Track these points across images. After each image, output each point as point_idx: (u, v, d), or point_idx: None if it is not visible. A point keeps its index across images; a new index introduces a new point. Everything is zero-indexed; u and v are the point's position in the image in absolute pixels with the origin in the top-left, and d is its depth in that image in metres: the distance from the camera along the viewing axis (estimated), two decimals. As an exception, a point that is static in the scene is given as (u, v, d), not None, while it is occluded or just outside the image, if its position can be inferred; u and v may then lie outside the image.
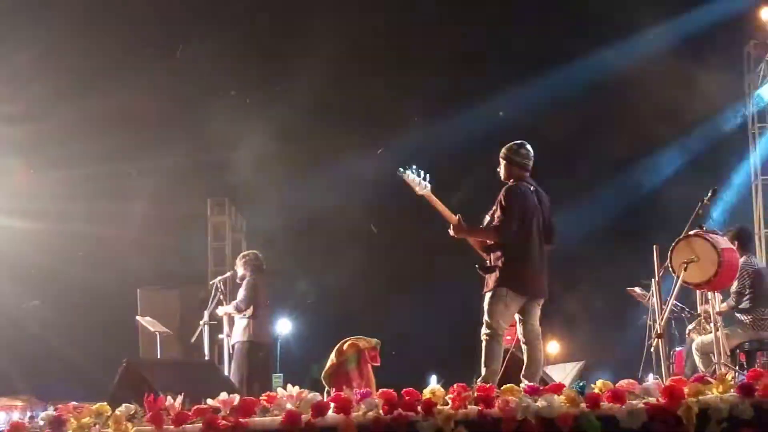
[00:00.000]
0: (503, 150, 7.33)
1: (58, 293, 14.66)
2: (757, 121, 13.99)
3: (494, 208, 7.20)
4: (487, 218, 7.27)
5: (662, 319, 7.44)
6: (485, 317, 7.06)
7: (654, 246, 7.78)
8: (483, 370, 6.99)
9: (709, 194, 7.76)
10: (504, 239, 7.09)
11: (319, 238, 15.04)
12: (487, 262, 7.21)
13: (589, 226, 13.80)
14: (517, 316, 7.23)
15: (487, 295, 7.10)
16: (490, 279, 7.12)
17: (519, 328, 7.35)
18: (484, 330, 7.06)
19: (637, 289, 9.74)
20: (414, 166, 7.27)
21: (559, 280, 13.99)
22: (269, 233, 14.91)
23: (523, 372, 7.08)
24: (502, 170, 7.33)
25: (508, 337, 8.78)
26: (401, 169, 7.22)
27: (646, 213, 12.90)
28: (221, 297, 10.63)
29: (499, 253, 7.14)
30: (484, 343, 7.04)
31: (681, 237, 7.48)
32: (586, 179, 14.18)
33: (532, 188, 7.21)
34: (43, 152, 13.68)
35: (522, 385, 5.63)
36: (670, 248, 7.46)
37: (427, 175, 7.28)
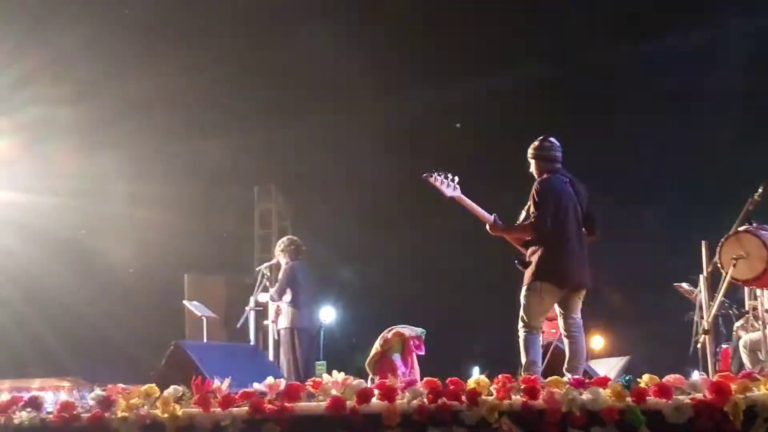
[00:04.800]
0: (529, 149, 7.38)
1: (105, 276, 14.80)
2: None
3: (528, 203, 7.22)
4: (523, 214, 7.28)
5: (710, 316, 7.39)
6: (521, 311, 7.10)
7: (702, 242, 7.73)
8: (523, 361, 7.00)
9: (760, 190, 7.68)
10: (539, 234, 7.10)
11: (366, 226, 15.02)
12: (526, 257, 7.21)
13: (637, 220, 13.68)
14: (558, 309, 7.22)
15: (523, 289, 7.12)
16: (527, 273, 7.13)
17: (560, 321, 7.35)
18: (519, 324, 7.09)
19: (685, 285, 9.65)
20: (438, 171, 7.29)
21: (605, 274, 13.94)
22: (315, 221, 14.95)
23: (565, 365, 7.08)
24: (533, 169, 7.36)
25: (553, 330, 8.79)
26: (426, 174, 7.26)
27: (697, 207, 12.74)
28: (266, 283, 10.71)
29: (535, 247, 7.15)
30: (520, 338, 7.06)
31: (730, 233, 7.42)
32: (638, 173, 14.05)
33: (566, 179, 7.21)
34: (90, 134, 13.78)
35: (566, 378, 5.63)
36: (719, 244, 7.40)
37: (456, 178, 7.31)
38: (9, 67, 12.71)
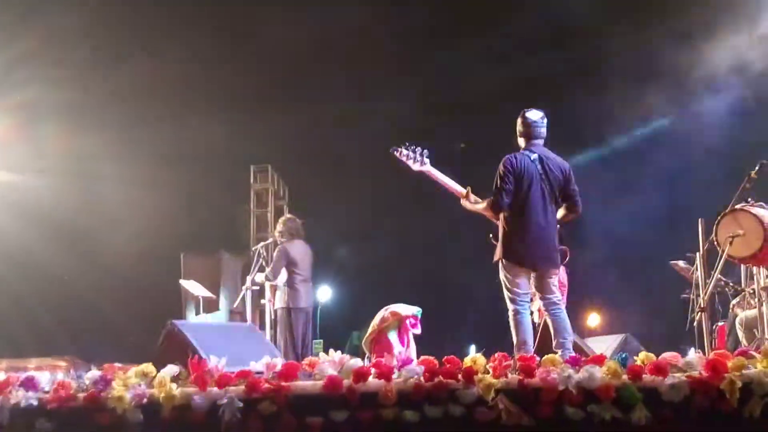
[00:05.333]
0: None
1: (101, 256, 14.80)
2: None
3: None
4: None
5: (706, 293, 7.40)
6: (503, 287, 7.08)
7: (699, 220, 7.73)
8: (513, 340, 6.98)
9: (757, 167, 7.68)
10: (496, 212, 7.06)
11: (363, 205, 15.02)
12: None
13: (633, 199, 13.69)
14: (534, 288, 7.17)
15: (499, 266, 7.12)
16: (495, 251, 7.13)
17: (537, 302, 7.34)
18: (505, 298, 7.07)
19: (681, 263, 9.65)
20: (407, 143, 7.25)
21: (600, 252, 13.98)
22: (312, 200, 14.94)
23: (553, 343, 7.03)
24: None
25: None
26: (392, 148, 7.23)
27: (692, 186, 12.75)
28: (263, 263, 10.70)
29: (499, 225, 7.13)
30: (508, 313, 7.04)
31: (727, 210, 7.42)
32: (630, 152, 14.06)
33: (534, 156, 7.07)
34: (85, 116, 13.75)
35: (557, 355, 5.63)
36: (716, 222, 7.40)
37: (425, 151, 7.27)
38: (4, 48, 12.67)
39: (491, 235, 7.22)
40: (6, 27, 12.60)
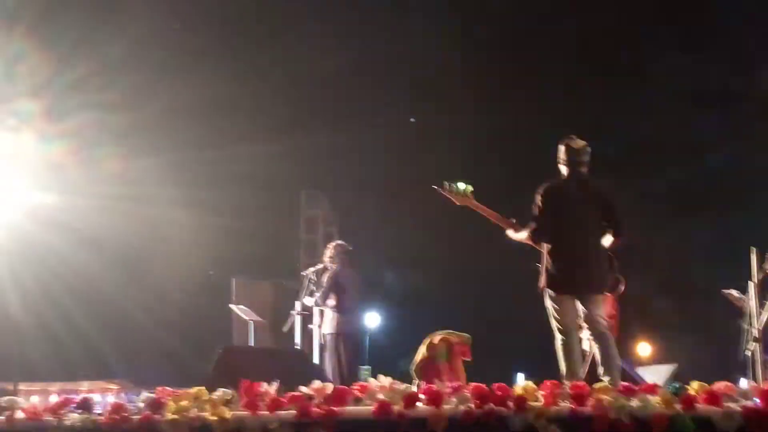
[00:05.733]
0: None
1: (152, 279, 14.94)
2: None
3: None
4: None
5: (760, 323, 7.32)
6: (550, 316, 7.08)
7: (752, 248, 7.65)
8: (562, 370, 6.95)
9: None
10: (536, 240, 7.11)
11: (412, 231, 15.04)
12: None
13: (685, 228, 13.58)
14: (582, 315, 7.14)
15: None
16: (540, 278, 7.14)
17: (586, 330, 7.30)
18: (552, 327, 7.07)
19: (734, 292, 9.52)
20: (447, 182, 7.37)
21: (652, 280, 13.86)
22: (361, 226, 14.99)
23: (599, 371, 6.98)
24: None
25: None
26: (435, 186, 7.34)
27: (745, 215, 12.61)
28: (312, 288, 10.75)
29: (542, 253, 7.14)
30: (555, 341, 7.03)
31: (780, 240, 7.35)
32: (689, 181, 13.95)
33: (573, 184, 7.11)
34: (138, 139, 13.91)
35: (602, 383, 5.60)
36: (769, 251, 7.34)
37: (468, 187, 7.37)
38: (61, 73, 12.89)
39: (537, 264, 7.23)
40: (62, 53, 12.82)
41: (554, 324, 6.99)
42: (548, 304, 7.04)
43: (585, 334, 7.54)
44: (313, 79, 14.15)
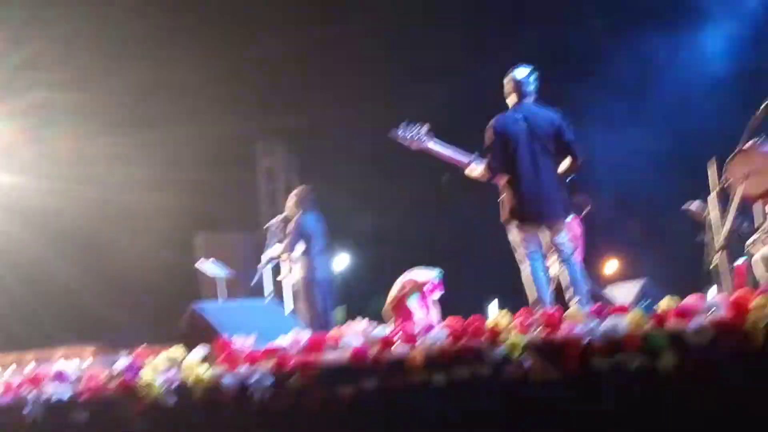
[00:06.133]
0: None
1: (117, 251, 14.86)
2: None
3: None
4: None
5: (724, 232, 7.39)
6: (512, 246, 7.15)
7: (710, 161, 7.70)
8: (529, 298, 7.04)
9: (764, 106, 7.62)
10: (490, 177, 7.20)
11: (376, 173, 15.01)
12: None
13: (644, 146, 13.63)
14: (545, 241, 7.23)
15: None
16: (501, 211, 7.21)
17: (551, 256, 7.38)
18: (516, 257, 7.14)
19: (694, 206, 9.64)
20: (405, 123, 7.31)
21: (615, 199, 13.97)
22: (325, 171, 14.94)
23: (567, 295, 7.09)
24: None
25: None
26: (392, 132, 7.34)
27: (702, 130, 12.68)
28: (277, 238, 10.72)
29: (501, 188, 7.18)
30: (522, 275, 7.11)
31: (737, 150, 7.39)
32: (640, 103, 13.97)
33: (519, 115, 7.17)
34: (91, 119, 13.76)
35: (573, 307, 5.68)
36: (727, 161, 7.39)
37: (424, 127, 7.34)
38: (11, 52, 12.70)
39: (500, 198, 7.28)
40: (12, 31, 12.59)
41: (518, 255, 7.06)
42: (510, 236, 7.09)
43: (551, 260, 7.62)
44: (265, 32, 14.01)
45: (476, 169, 7.26)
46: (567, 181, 7.36)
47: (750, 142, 7.42)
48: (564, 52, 13.42)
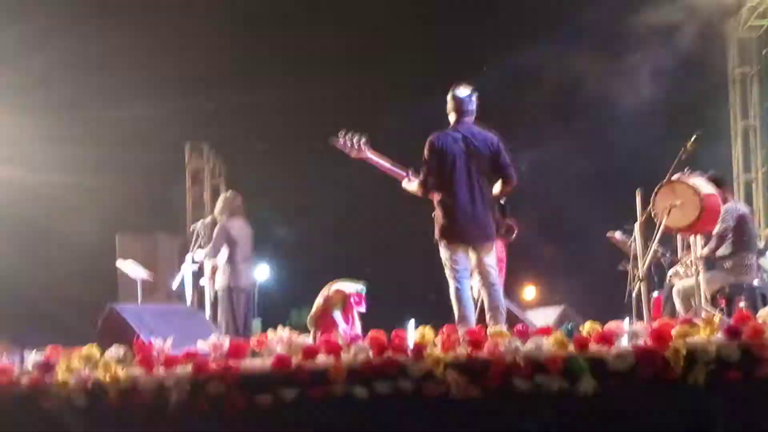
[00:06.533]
0: None
1: (33, 240, 14.54)
2: (738, 66, 14.13)
3: None
4: None
5: (644, 264, 7.50)
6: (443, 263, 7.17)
7: (636, 190, 7.82)
8: (455, 315, 7.05)
9: (692, 139, 7.79)
10: (425, 192, 7.17)
11: (300, 183, 14.97)
12: None
13: (569, 170, 13.82)
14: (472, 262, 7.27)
15: None
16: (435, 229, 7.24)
17: (476, 277, 7.42)
18: (446, 274, 7.16)
19: (617, 234, 9.77)
20: (343, 131, 7.35)
21: (536, 224, 14.11)
22: (249, 178, 14.84)
23: (486, 317, 7.11)
24: None
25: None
26: (332, 138, 7.33)
27: (631, 158, 12.90)
28: (201, 242, 10.57)
29: (434, 205, 7.22)
30: (450, 288, 7.13)
31: (664, 181, 7.53)
32: (566, 123, 14.17)
33: (459, 135, 7.13)
34: (16, 98, 13.47)
35: (497, 327, 5.71)
36: (653, 193, 7.51)
37: (363, 137, 7.37)
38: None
39: (433, 214, 7.28)
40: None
41: (448, 272, 7.07)
42: (442, 253, 7.10)
43: (475, 282, 7.64)
44: (196, 36, 13.88)
45: (412, 183, 7.27)
46: (498, 203, 7.41)
47: (677, 175, 7.56)
48: (497, 68, 13.56)
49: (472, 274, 7.31)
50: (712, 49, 13.71)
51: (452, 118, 7.24)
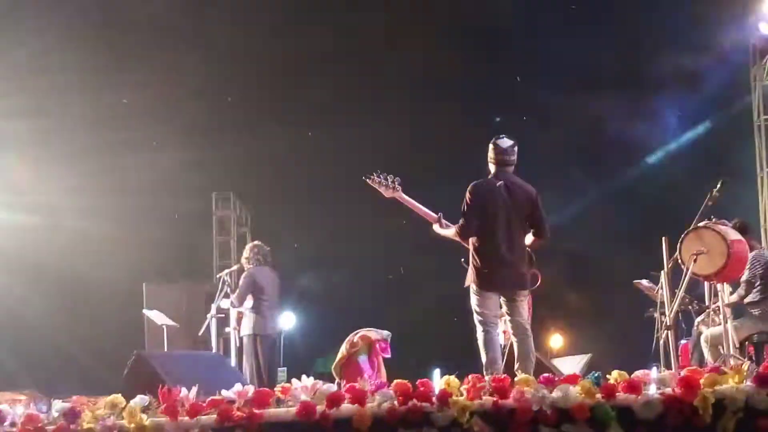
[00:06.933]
0: None
1: (61, 288, 14.62)
2: (763, 113, 14.07)
3: None
4: None
5: (672, 312, 7.45)
6: (473, 309, 7.15)
7: (663, 238, 7.79)
8: (483, 360, 7.03)
9: (719, 185, 7.77)
10: (464, 238, 7.23)
11: (325, 232, 15.01)
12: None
13: (596, 219, 13.80)
14: (504, 310, 7.27)
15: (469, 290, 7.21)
16: (467, 276, 7.23)
17: (506, 324, 7.42)
18: (475, 320, 7.14)
19: (645, 282, 9.71)
20: (378, 171, 7.49)
21: (564, 273, 14.06)
22: (275, 227, 14.91)
23: (515, 366, 7.09)
24: None
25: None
26: (366, 175, 7.43)
27: (656, 205, 12.85)
28: (228, 290, 10.62)
29: (469, 251, 7.23)
30: (477, 334, 7.11)
31: (690, 229, 7.49)
32: (593, 172, 14.18)
33: (499, 183, 7.21)
34: (45, 147, 13.64)
35: (523, 375, 5.68)
36: (680, 240, 7.47)
37: (397, 178, 7.53)
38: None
39: (463, 260, 7.30)
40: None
41: (478, 318, 7.09)
42: (473, 299, 7.11)
43: (501, 328, 7.64)
44: (222, 84, 14.05)
45: (447, 228, 7.32)
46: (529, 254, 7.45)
47: (703, 222, 7.53)
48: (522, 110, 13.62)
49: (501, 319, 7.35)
50: (737, 96, 13.71)
51: (492, 167, 7.30)
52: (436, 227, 7.45)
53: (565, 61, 13.86)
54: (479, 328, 7.08)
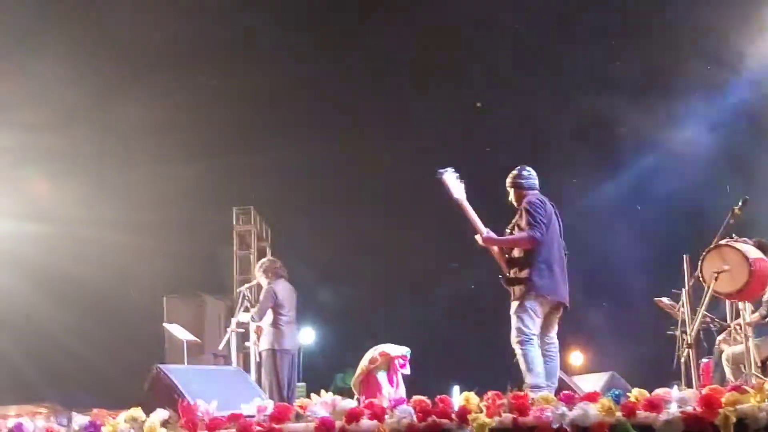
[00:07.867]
0: (508, 179, 7.51)
1: (81, 301, 14.69)
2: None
3: (515, 220, 7.36)
4: (507, 231, 7.37)
5: (693, 330, 7.41)
6: (517, 325, 7.08)
7: (684, 256, 7.76)
8: (528, 377, 6.98)
9: (740, 203, 7.72)
10: (536, 243, 7.19)
11: (345, 247, 15.02)
12: (510, 274, 7.26)
13: (616, 236, 13.76)
14: (539, 325, 7.25)
15: (514, 305, 7.14)
16: (516, 289, 7.19)
17: (538, 340, 7.37)
18: (516, 337, 7.08)
19: (665, 300, 9.66)
20: (452, 168, 7.33)
21: (584, 290, 14.00)
22: (294, 241, 14.94)
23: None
24: (512, 197, 7.48)
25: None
26: (440, 170, 7.30)
27: (677, 222, 12.80)
28: (247, 304, 10.64)
29: (524, 262, 7.20)
30: (520, 351, 7.06)
31: (712, 246, 7.45)
32: (613, 189, 14.15)
33: (548, 200, 7.39)
34: (67, 160, 13.73)
35: (544, 392, 5.66)
36: (701, 258, 7.43)
37: (464, 182, 7.36)
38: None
39: (500, 277, 7.27)
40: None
41: (521, 329, 7.05)
42: (521, 311, 7.07)
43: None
44: (243, 98, 14.10)
45: (521, 234, 7.25)
46: None
47: (725, 240, 7.49)
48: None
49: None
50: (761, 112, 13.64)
51: (529, 191, 7.34)
52: (485, 238, 7.33)
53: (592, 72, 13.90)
54: (520, 342, 7.05)
